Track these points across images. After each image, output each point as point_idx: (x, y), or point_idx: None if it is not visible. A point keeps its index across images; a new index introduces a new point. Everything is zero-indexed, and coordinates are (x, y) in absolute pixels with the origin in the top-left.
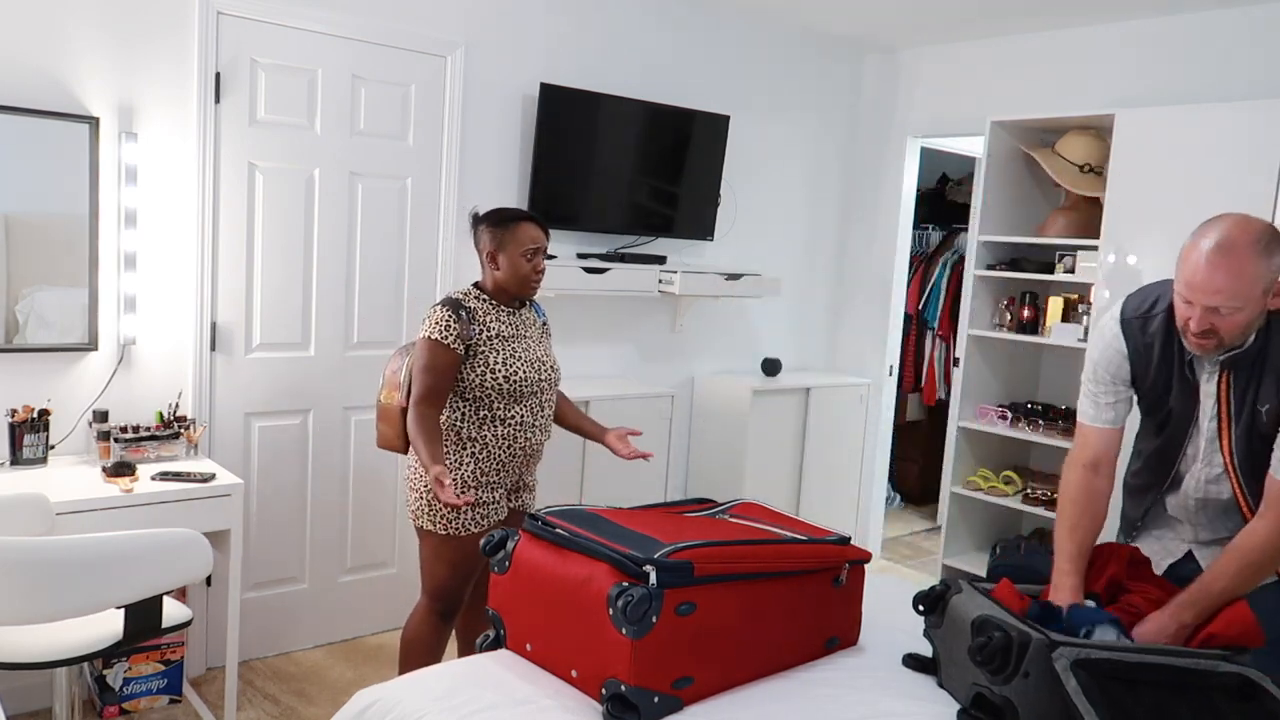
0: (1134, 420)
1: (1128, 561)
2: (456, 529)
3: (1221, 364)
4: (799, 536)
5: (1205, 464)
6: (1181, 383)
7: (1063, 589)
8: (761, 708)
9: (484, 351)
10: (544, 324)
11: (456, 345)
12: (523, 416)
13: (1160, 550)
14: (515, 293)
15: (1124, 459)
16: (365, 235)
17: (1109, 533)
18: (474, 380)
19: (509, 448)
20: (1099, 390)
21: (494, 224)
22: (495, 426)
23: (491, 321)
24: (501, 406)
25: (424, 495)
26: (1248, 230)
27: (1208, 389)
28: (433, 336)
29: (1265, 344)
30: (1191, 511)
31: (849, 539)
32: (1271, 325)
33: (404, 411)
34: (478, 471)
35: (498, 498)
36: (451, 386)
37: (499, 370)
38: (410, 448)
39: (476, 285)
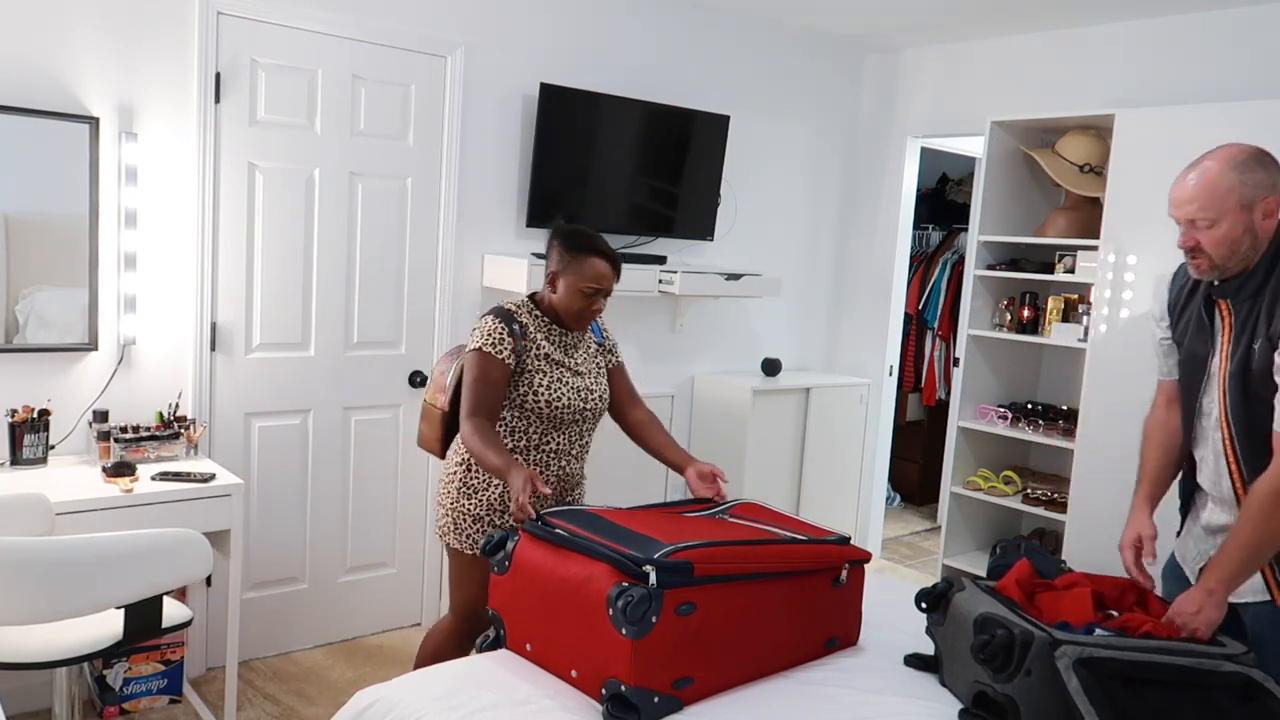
0: None
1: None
2: None
3: (1221, 294)
4: (799, 536)
5: (1213, 404)
6: (1199, 323)
7: (1137, 514)
8: (761, 708)
9: (530, 371)
10: (599, 345)
11: (509, 359)
12: (559, 445)
13: (1197, 556)
14: (563, 323)
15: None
16: (365, 235)
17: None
18: (515, 399)
19: (541, 475)
20: (1158, 335)
21: (566, 245)
22: (528, 454)
23: (543, 340)
24: (538, 433)
25: (450, 513)
26: (1228, 150)
27: (1220, 327)
28: (484, 349)
29: (1268, 278)
30: (1214, 501)
31: (849, 539)
32: (1278, 257)
33: (444, 415)
34: (506, 497)
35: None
36: (503, 399)
37: (542, 394)
38: (446, 452)
39: (532, 298)
